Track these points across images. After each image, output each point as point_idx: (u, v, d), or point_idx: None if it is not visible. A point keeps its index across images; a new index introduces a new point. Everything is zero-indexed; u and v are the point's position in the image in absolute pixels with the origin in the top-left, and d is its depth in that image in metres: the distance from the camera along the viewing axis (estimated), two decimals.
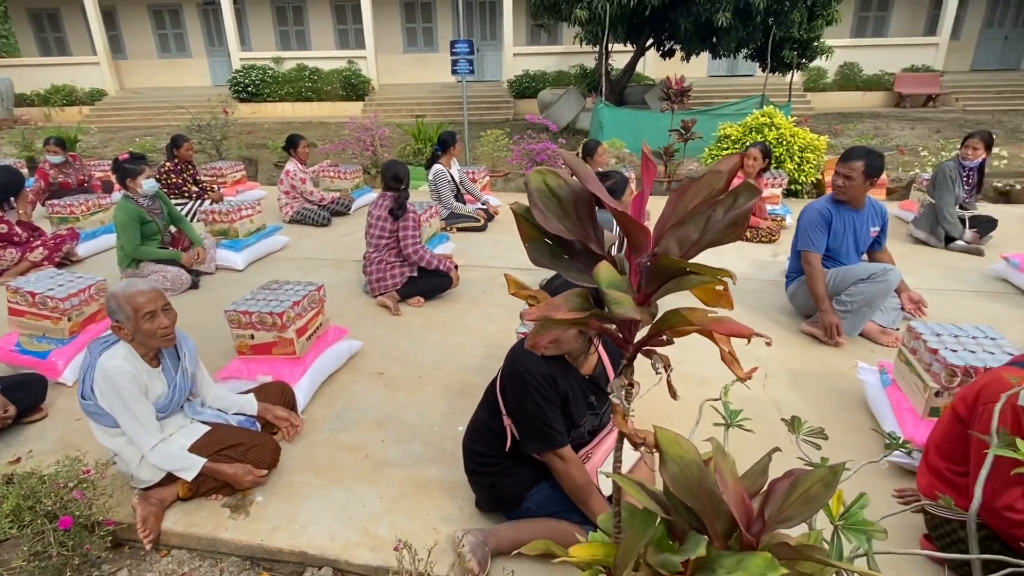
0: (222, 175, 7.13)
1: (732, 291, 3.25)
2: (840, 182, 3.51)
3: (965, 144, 5.08)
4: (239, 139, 10.59)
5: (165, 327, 2.24)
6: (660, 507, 1.15)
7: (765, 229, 5.35)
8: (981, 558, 1.19)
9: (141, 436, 2.21)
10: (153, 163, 7.11)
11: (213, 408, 2.58)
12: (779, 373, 3.20)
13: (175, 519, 2.27)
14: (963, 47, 17.23)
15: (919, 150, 8.72)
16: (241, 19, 18.26)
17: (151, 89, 18.82)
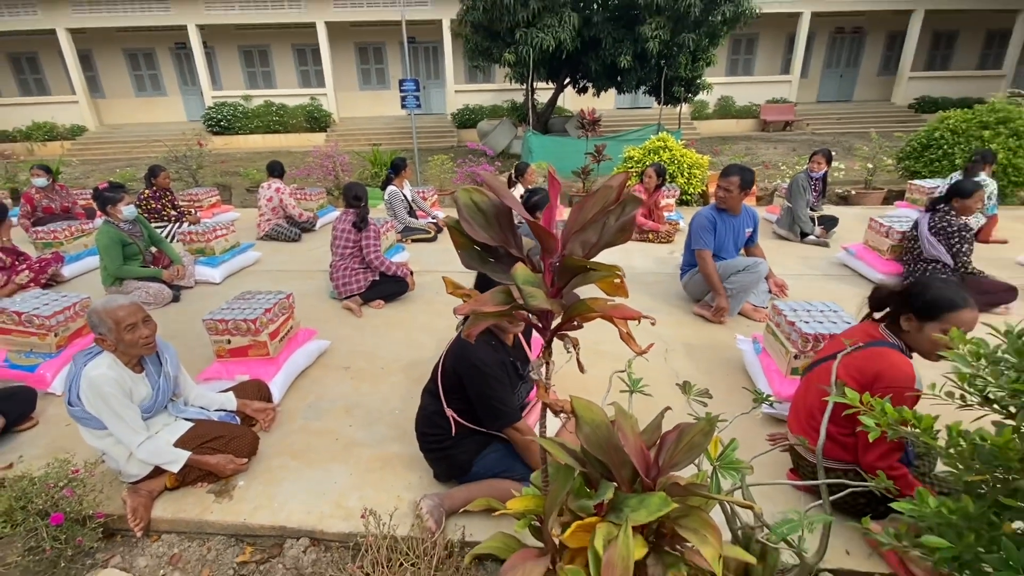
0: (198, 200, 6.75)
1: (641, 282, 3.43)
2: (721, 193, 3.68)
3: (811, 159, 5.43)
4: (214, 168, 10.05)
5: (146, 337, 2.11)
6: (578, 462, 1.18)
7: (664, 232, 5.53)
8: (827, 483, 1.28)
9: (129, 436, 2.07)
10: (133, 191, 6.66)
11: (196, 406, 2.45)
12: (677, 347, 3.32)
13: (164, 507, 2.14)
14: (810, 83, 18.36)
15: (780, 165, 9.22)
16: (211, 61, 17.34)
17: (130, 125, 17.58)
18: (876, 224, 4.32)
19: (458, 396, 2.01)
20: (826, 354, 1.99)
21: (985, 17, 17.10)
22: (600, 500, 1.05)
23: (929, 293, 1.69)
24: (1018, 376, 1.01)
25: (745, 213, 3.80)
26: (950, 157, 6.62)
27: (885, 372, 1.66)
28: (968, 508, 0.99)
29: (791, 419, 2.13)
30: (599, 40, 11.04)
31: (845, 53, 18.46)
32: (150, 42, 17.31)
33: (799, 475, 2.07)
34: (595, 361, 3.13)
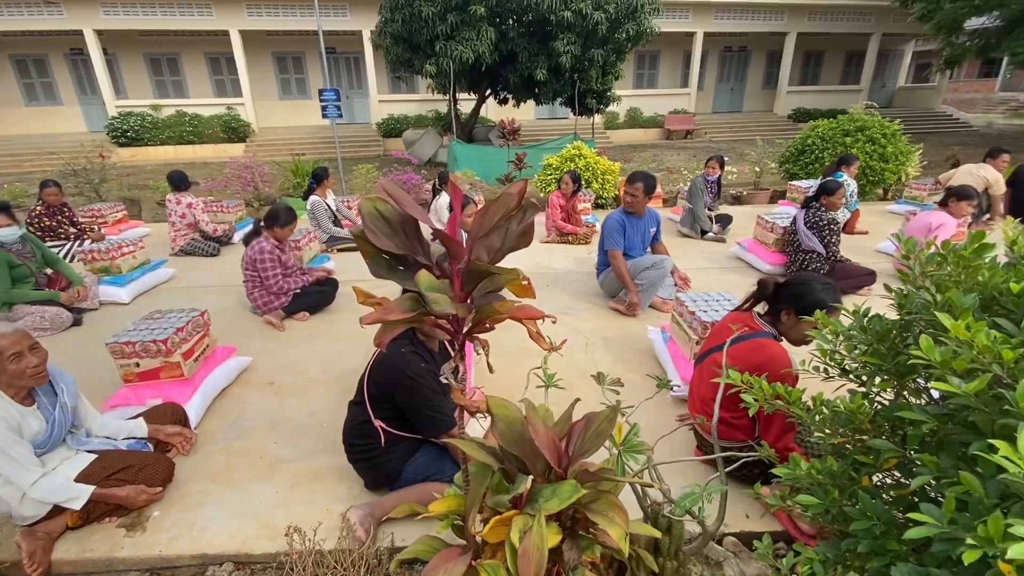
0: (102, 216, 6.11)
1: (562, 281, 3.48)
2: (628, 198, 3.84)
3: (707, 165, 5.81)
4: (120, 181, 9.14)
5: (34, 366, 1.87)
6: (495, 459, 1.17)
7: (582, 234, 5.69)
8: (722, 456, 1.36)
9: (20, 475, 1.83)
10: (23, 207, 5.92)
11: (100, 436, 2.20)
12: (596, 341, 3.43)
13: (66, 548, 1.90)
14: (706, 96, 19.69)
15: (682, 170, 9.81)
16: (114, 68, 15.77)
17: (20, 136, 15.61)
18: (763, 221, 4.69)
19: (386, 405, 1.95)
20: (712, 345, 2.13)
21: (845, 40, 19.14)
22: (516, 494, 1.05)
23: (813, 296, 1.87)
24: (866, 349, 1.12)
25: (649, 215, 3.99)
26: (821, 160, 7.33)
27: (767, 364, 1.81)
28: (832, 467, 1.09)
29: (690, 404, 2.26)
30: (516, 54, 11.20)
31: (734, 69, 19.96)
32: (42, 48, 15.50)
33: (702, 451, 2.20)
34: (521, 358, 3.16)
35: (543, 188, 7.41)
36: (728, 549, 1.79)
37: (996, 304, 0.95)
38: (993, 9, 11.74)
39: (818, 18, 17.52)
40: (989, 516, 0.69)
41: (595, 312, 3.89)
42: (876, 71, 19.34)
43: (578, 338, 3.46)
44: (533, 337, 1.18)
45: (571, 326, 3.65)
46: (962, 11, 12.01)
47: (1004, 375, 0.75)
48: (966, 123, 17.83)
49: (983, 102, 22.49)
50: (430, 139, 12.95)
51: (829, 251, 3.96)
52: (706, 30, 17.08)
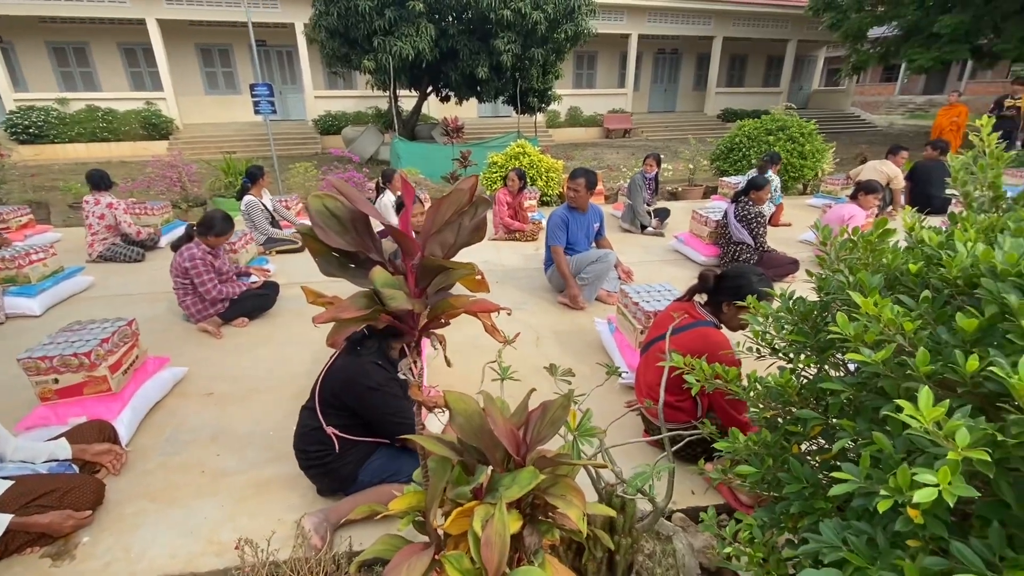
0: (4, 221, 5.53)
1: (512, 277, 3.52)
2: (571, 194, 3.94)
3: (644, 162, 6.04)
4: (23, 182, 8.28)
5: None
6: (455, 452, 1.18)
7: (529, 231, 5.77)
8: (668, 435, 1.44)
9: None
10: None
11: (16, 461, 2.02)
12: (547, 335, 3.49)
13: None
14: (642, 96, 20.41)
15: (621, 168, 10.13)
16: (10, 58, 14.26)
17: None
18: (697, 215, 4.95)
19: (342, 413, 1.91)
20: (656, 334, 2.24)
21: (766, 45, 20.42)
22: (477, 484, 1.07)
23: (751, 287, 2.02)
24: (791, 329, 1.23)
25: (592, 210, 4.11)
26: (748, 158, 7.81)
27: (709, 351, 1.94)
28: (766, 438, 1.19)
29: (637, 390, 2.37)
30: (457, 51, 11.14)
31: (667, 70, 20.81)
32: None
33: (650, 434, 2.30)
34: (473, 354, 3.17)
35: (489, 186, 7.43)
36: (677, 524, 1.90)
37: (898, 283, 1.07)
38: (891, 20, 12.93)
39: (742, 24, 18.59)
40: (898, 469, 0.78)
41: (544, 307, 3.96)
42: (794, 75, 20.78)
43: (529, 333, 3.51)
44: (488, 330, 1.20)
45: (522, 321, 3.70)
46: (866, 21, 13.14)
47: (906, 344, 0.85)
48: (871, 123, 19.53)
49: (885, 104, 24.71)
50: (371, 136, 12.64)
51: (757, 242, 4.24)
52: (640, 32, 17.70)
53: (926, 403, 0.70)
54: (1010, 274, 0.79)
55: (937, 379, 0.80)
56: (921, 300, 0.92)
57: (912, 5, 12.04)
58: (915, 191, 6.29)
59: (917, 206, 6.29)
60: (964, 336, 0.81)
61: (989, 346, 0.81)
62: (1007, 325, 0.77)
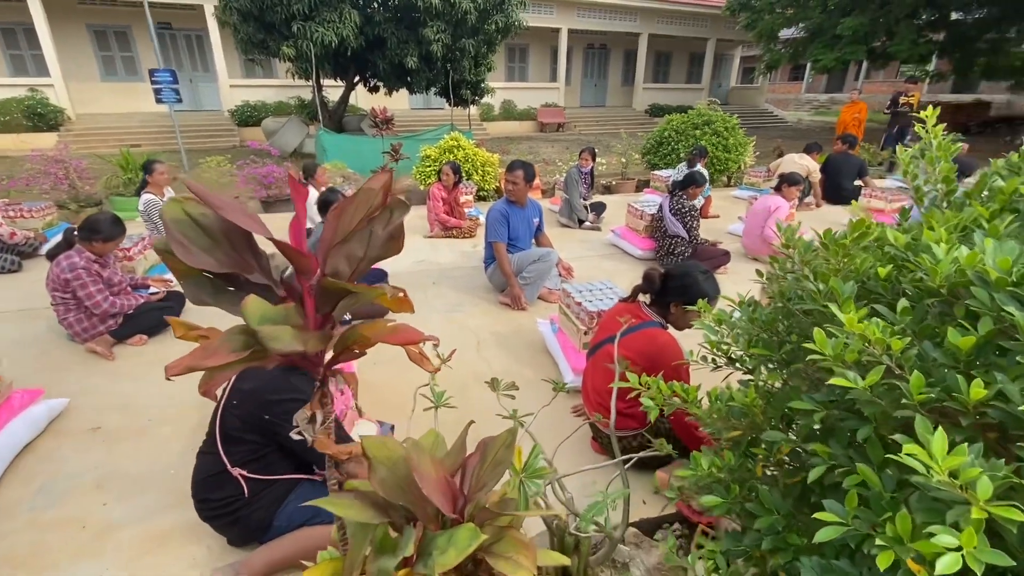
0: None
1: (449, 277, 3.19)
2: (509, 186, 3.78)
3: (580, 157, 5.99)
4: None
5: None
6: (379, 511, 0.97)
7: (466, 227, 5.55)
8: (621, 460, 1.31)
9: None
10: None
11: None
12: (487, 338, 3.31)
13: None
14: (573, 90, 20.61)
15: (557, 162, 10.09)
16: None
17: None
18: (633, 209, 4.94)
19: (249, 446, 1.62)
20: (602, 337, 2.12)
21: (688, 43, 21.22)
22: (401, 557, 0.87)
23: (698, 287, 1.97)
24: (752, 340, 1.11)
25: (531, 205, 3.97)
26: (676, 152, 7.99)
27: (659, 353, 1.87)
28: (730, 461, 1.07)
29: (584, 396, 2.24)
30: (384, 40, 10.63)
31: (597, 66, 21.13)
32: None
33: (598, 442, 2.19)
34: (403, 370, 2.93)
35: (423, 180, 7.12)
36: (630, 540, 1.78)
37: (864, 288, 0.97)
38: (799, 21, 13.78)
39: (665, 22, 19.19)
40: (896, 514, 0.67)
41: (484, 308, 3.77)
42: (714, 72, 21.79)
43: (469, 336, 3.31)
44: (415, 359, 0.99)
45: (461, 324, 3.50)
46: (777, 22, 13.93)
47: (894, 365, 0.74)
48: (783, 119, 20.87)
49: (794, 102, 26.53)
50: (294, 128, 11.84)
51: (691, 235, 4.28)
52: (570, 26, 17.80)
53: (940, 447, 0.57)
54: (1006, 283, 0.69)
55: (933, 407, 0.69)
56: (901, 312, 0.81)
57: (817, 8, 12.88)
58: (828, 182, 6.67)
59: (833, 197, 6.71)
60: (958, 355, 0.71)
61: (986, 366, 0.71)
62: (1010, 344, 0.67)
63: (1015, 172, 1.09)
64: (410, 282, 4.25)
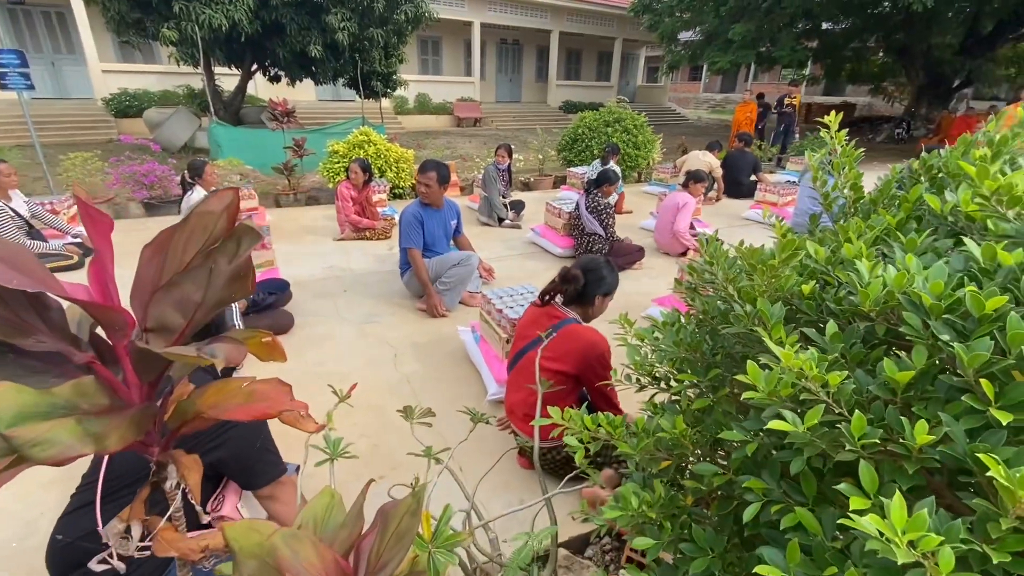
0: None
1: (362, 283, 2.84)
2: (423, 188, 3.56)
3: (496, 153, 5.87)
4: None
5: None
6: None
7: (380, 228, 5.23)
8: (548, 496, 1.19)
9: None
10: None
11: None
12: (406, 350, 3.09)
13: None
14: (488, 85, 20.46)
15: (475, 158, 9.93)
16: None
17: None
18: (551, 207, 4.91)
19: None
20: (521, 345, 2.02)
21: (597, 41, 21.84)
22: None
23: (611, 277, 2.03)
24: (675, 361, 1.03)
25: (448, 206, 3.79)
26: (590, 148, 8.14)
27: (587, 349, 1.83)
28: (660, 495, 0.99)
29: (508, 409, 2.13)
30: (283, 25, 9.80)
31: (511, 61, 21.14)
32: None
33: (526, 457, 2.08)
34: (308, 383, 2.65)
35: (331, 178, 6.65)
36: (561, 565, 1.69)
37: (789, 307, 0.92)
38: (695, 26, 14.63)
39: (575, 20, 19.59)
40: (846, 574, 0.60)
41: (402, 316, 3.54)
42: (621, 71, 22.63)
43: (385, 350, 3.08)
44: (290, 422, 0.80)
45: (376, 336, 3.24)
46: (676, 25, 14.68)
47: (830, 401, 0.67)
48: (685, 117, 22.18)
49: (694, 100, 28.32)
50: (182, 120, 10.64)
51: (607, 232, 4.32)
52: (482, 20, 17.61)
53: (899, 516, 0.49)
54: (940, 310, 0.63)
55: (876, 451, 0.63)
56: (831, 337, 0.75)
57: (710, 14, 13.73)
58: (727, 178, 7.10)
59: (732, 192, 7.16)
60: (895, 387, 0.64)
61: (924, 400, 0.65)
62: (953, 379, 0.61)
63: (916, 179, 1.10)
64: (318, 290, 3.91)
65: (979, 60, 12.89)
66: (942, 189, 1.03)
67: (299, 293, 3.70)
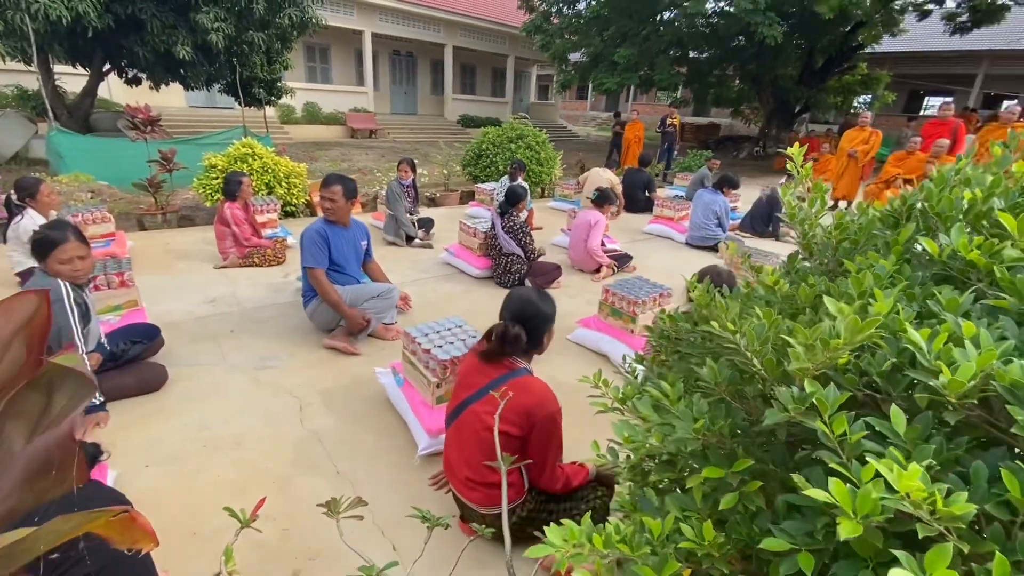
0: None
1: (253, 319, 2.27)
2: (327, 205, 3.14)
3: (399, 168, 5.51)
4: None
5: None
6: None
7: (271, 252, 4.62)
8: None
9: None
10: None
11: None
12: (313, 399, 2.65)
13: None
14: (383, 96, 19.73)
15: (375, 172, 9.38)
16: None
17: None
18: (465, 227, 4.67)
19: None
20: (465, 395, 1.76)
21: (491, 58, 22.11)
22: None
23: (551, 309, 1.80)
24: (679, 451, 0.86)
25: (357, 226, 3.39)
26: (495, 164, 8.05)
27: (541, 404, 1.62)
28: None
29: (447, 467, 1.85)
30: (142, 22, 8.51)
31: (405, 73, 20.62)
32: None
33: (467, 523, 1.82)
34: (197, 452, 2.15)
35: (208, 196, 5.80)
36: None
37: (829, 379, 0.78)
38: (583, 48, 15.36)
39: (468, 35, 19.64)
40: None
41: (306, 357, 3.06)
42: (515, 87, 23.13)
43: (288, 402, 2.61)
44: None
45: (275, 385, 2.76)
46: (566, 46, 15.29)
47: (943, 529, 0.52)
48: (576, 134, 23.23)
49: (582, 118, 29.84)
50: (12, 125, 8.79)
51: (527, 252, 4.18)
52: (373, 30, 16.95)
53: None
54: None
55: None
56: (907, 434, 0.61)
57: (596, 38, 14.50)
58: (625, 193, 7.40)
59: (631, 207, 7.47)
60: (1019, 506, 0.51)
61: None
62: None
63: (895, 218, 1.05)
64: (198, 332, 3.28)
65: (814, 90, 15.03)
66: (929, 230, 0.97)
67: (173, 338, 3.07)
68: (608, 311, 3.22)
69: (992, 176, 0.89)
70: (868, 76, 15.82)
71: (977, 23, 12.53)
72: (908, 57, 17.92)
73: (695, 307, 1.16)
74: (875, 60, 16.78)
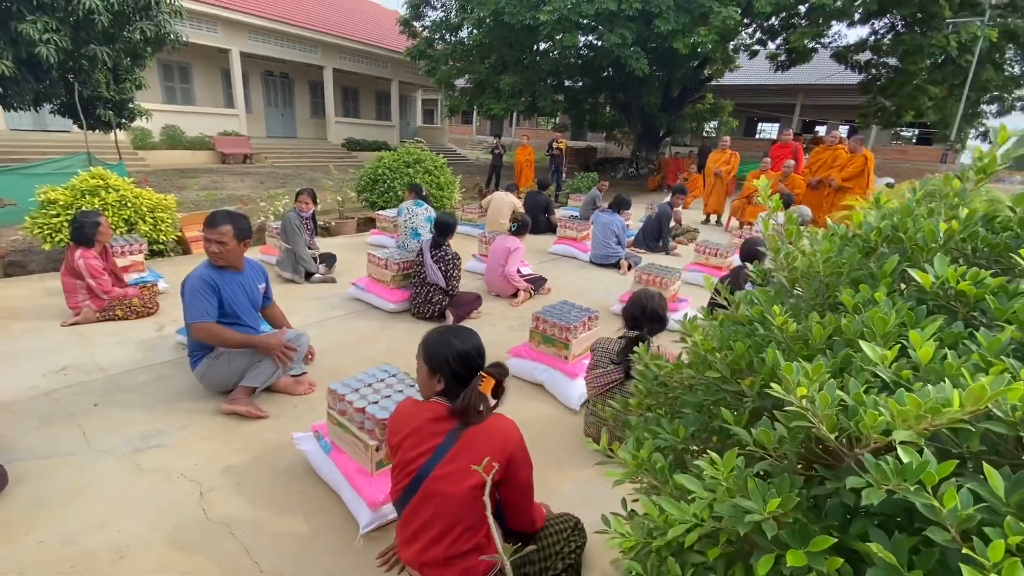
0: None
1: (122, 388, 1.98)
2: (215, 249, 2.66)
3: (298, 199, 5.00)
4: None
5: None
6: None
7: (138, 301, 3.86)
8: None
9: None
10: None
11: None
12: (216, 480, 2.18)
13: None
14: (257, 119, 18.17)
15: (257, 200, 8.51)
16: None
17: None
18: (375, 258, 4.33)
19: None
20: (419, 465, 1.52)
21: (374, 81, 21.53)
22: None
23: (478, 345, 1.60)
24: None
25: (251, 267, 2.93)
26: (393, 190, 7.72)
27: (505, 440, 1.52)
28: None
29: (402, 544, 1.58)
30: None
31: (281, 94, 19.24)
32: None
33: None
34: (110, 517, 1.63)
35: (47, 237, 4.75)
36: None
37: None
38: (466, 74, 15.60)
39: (348, 58, 18.94)
40: None
41: (200, 429, 2.54)
42: (401, 111, 22.76)
43: (183, 487, 2.12)
44: None
45: (164, 469, 2.23)
46: (451, 72, 15.41)
47: None
48: (465, 157, 23.43)
49: (470, 142, 30.26)
50: None
51: (449, 283, 3.97)
52: (242, 49, 15.60)
53: None
54: None
55: None
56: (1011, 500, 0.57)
57: (479, 65, 14.81)
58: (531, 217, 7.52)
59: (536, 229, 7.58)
60: None
61: None
62: None
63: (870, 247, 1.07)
64: (47, 413, 2.58)
65: (673, 116, 16.81)
66: (909, 259, 1.00)
67: (9, 424, 2.38)
68: (540, 339, 3.14)
69: (967, 210, 0.94)
70: (715, 105, 18.10)
71: (793, 62, 15.01)
72: (745, 89, 20.98)
73: (693, 352, 1.09)
74: (720, 91, 19.35)
